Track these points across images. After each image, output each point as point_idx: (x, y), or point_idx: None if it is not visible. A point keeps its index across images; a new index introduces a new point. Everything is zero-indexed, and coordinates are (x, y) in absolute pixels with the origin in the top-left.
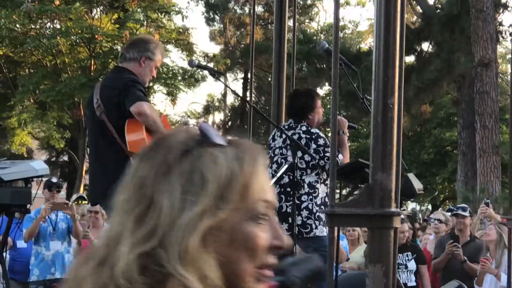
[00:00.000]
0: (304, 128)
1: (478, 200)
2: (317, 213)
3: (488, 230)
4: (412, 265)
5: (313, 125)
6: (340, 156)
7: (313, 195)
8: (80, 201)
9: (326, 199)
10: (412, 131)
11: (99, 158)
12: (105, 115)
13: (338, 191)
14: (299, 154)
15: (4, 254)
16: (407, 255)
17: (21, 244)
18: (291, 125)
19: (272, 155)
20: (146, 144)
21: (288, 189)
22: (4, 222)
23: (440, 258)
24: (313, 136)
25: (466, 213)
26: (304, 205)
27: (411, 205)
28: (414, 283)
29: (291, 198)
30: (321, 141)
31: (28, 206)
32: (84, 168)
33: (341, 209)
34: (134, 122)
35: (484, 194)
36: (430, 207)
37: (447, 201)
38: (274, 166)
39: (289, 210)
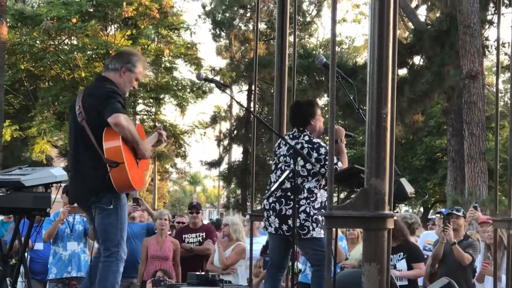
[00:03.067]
0: (306, 138)
1: (467, 203)
2: (315, 216)
3: (491, 233)
4: (401, 265)
5: (315, 132)
6: (340, 164)
7: (311, 199)
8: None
9: (325, 204)
10: (405, 139)
11: (78, 161)
12: (86, 122)
13: (336, 195)
14: (301, 162)
15: (26, 254)
16: (399, 255)
17: (38, 246)
18: (295, 134)
19: (277, 162)
20: (121, 151)
21: (289, 194)
22: (25, 225)
23: (436, 247)
24: (315, 146)
25: (460, 214)
26: (302, 208)
27: (404, 208)
28: (405, 282)
29: (291, 202)
30: (322, 151)
31: (47, 209)
32: None
33: (339, 212)
34: (112, 131)
35: (472, 197)
36: (422, 209)
37: (437, 204)
38: (278, 172)
39: (288, 213)
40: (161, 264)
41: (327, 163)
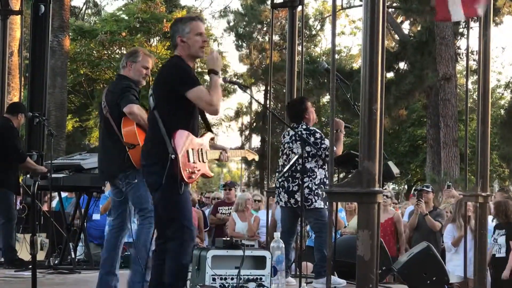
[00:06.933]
0: (304, 127)
1: (442, 181)
2: (316, 190)
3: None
4: (501, 240)
5: (310, 122)
6: (334, 148)
7: (312, 177)
8: None
9: (324, 180)
10: (392, 129)
11: (106, 146)
12: (109, 114)
13: (336, 175)
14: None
15: (85, 224)
16: (500, 232)
17: (96, 217)
18: (294, 125)
19: (283, 148)
20: (136, 134)
21: (294, 174)
22: (85, 200)
23: (411, 218)
24: (311, 132)
25: (429, 190)
26: (305, 184)
27: (391, 186)
28: (503, 255)
29: (295, 180)
30: (317, 135)
31: (102, 187)
32: None
33: (338, 189)
34: (128, 119)
35: (447, 177)
36: (406, 187)
37: (418, 182)
38: (284, 156)
39: (294, 188)
40: None
41: (322, 146)
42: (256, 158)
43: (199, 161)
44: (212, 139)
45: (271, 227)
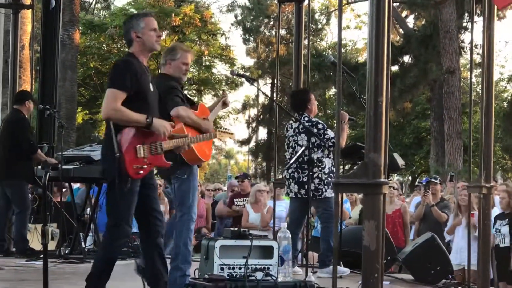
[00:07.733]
0: (306, 119)
1: (446, 173)
2: (326, 180)
3: (464, 196)
4: (504, 229)
5: (312, 113)
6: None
7: (321, 167)
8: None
9: (332, 169)
10: (396, 121)
11: None
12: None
13: (342, 166)
14: (306, 138)
15: (95, 215)
16: (504, 221)
17: None
18: (297, 117)
19: (288, 142)
20: (184, 131)
21: (303, 165)
22: (95, 191)
23: (417, 209)
24: (314, 123)
25: (437, 181)
26: (315, 175)
27: (396, 177)
28: (507, 244)
29: (305, 171)
30: (320, 126)
31: None
32: None
33: (344, 180)
34: (176, 119)
35: (450, 169)
36: (410, 178)
37: (423, 174)
38: (290, 150)
39: (304, 179)
40: (198, 221)
41: (326, 136)
42: (233, 136)
43: (152, 154)
44: (173, 126)
45: None
